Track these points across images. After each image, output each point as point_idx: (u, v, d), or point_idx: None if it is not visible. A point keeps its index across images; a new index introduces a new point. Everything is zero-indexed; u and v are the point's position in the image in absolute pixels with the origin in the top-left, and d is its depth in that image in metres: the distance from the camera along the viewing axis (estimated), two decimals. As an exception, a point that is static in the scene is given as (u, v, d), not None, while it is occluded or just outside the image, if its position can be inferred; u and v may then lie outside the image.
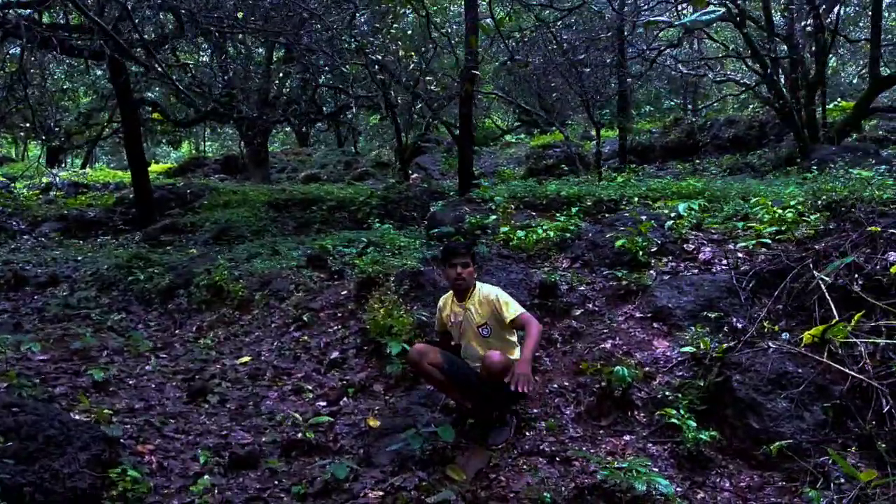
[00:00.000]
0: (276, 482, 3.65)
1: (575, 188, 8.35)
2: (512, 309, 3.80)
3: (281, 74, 16.46)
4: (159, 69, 11.37)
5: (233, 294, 6.92)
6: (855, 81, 24.74)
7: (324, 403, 4.67)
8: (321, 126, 29.08)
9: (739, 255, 5.06)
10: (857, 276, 4.04)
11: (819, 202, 5.97)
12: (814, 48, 14.59)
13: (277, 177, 22.84)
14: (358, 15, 13.38)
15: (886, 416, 3.17)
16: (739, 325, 4.19)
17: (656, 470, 3.30)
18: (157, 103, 14.45)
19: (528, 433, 3.85)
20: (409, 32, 14.33)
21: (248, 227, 12.04)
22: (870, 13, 19.27)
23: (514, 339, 4.03)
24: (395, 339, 4.75)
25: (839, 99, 19.08)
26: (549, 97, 17.98)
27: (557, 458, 3.55)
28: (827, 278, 4.04)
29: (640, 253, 5.22)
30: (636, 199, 7.37)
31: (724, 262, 5.05)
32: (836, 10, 14.06)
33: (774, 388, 3.47)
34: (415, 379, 4.69)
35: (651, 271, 5.14)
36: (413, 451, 3.70)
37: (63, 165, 28.05)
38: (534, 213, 7.77)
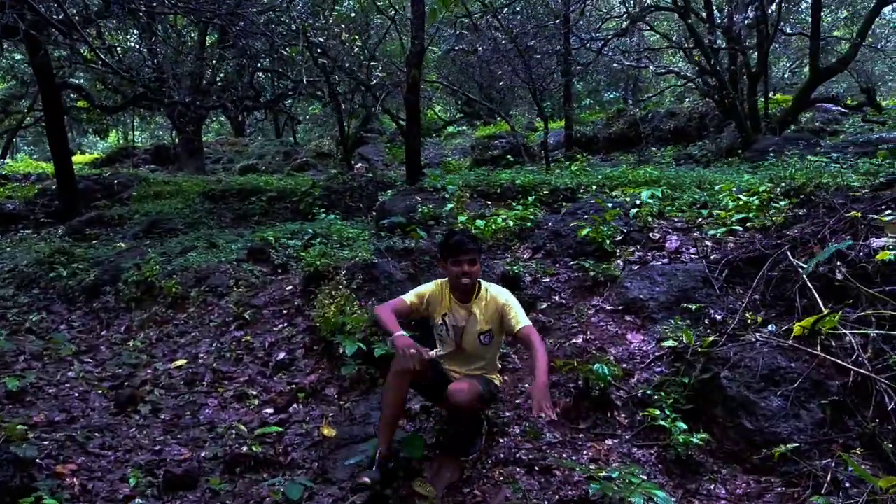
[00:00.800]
0: (220, 504, 3.21)
1: (529, 177, 8.05)
2: (521, 319, 3.32)
3: (215, 60, 15.66)
4: (84, 50, 10.56)
5: (165, 291, 6.35)
6: (787, 75, 25.45)
7: (271, 411, 4.22)
8: (258, 115, 28.14)
9: (707, 243, 4.83)
10: (839, 263, 3.85)
11: (778, 189, 5.85)
12: (755, 40, 14.78)
13: (212, 167, 21.96)
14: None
15: (891, 413, 2.95)
16: (718, 317, 3.93)
17: (645, 478, 3.01)
18: (81, 88, 13.49)
19: (501, 440, 3.50)
20: (353, 15, 13.78)
21: (182, 219, 11.39)
22: (799, 8, 19.77)
23: (501, 342, 3.65)
24: (350, 339, 4.33)
25: (771, 92, 19.50)
26: (496, 86, 17.77)
27: (536, 468, 3.22)
28: (808, 266, 3.83)
29: (607, 242, 4.92)
30: (594, 187, 7.11)
31: (693, 250, 4.82)
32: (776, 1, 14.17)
33: (767, 384, 3.22)
34: (372, 381, 4.30)
35: (618, 261, 4.86)
36: (375, 464, 3.31)
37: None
38: (488, 203, 7.44)
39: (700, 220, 5.32)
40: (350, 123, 16.12)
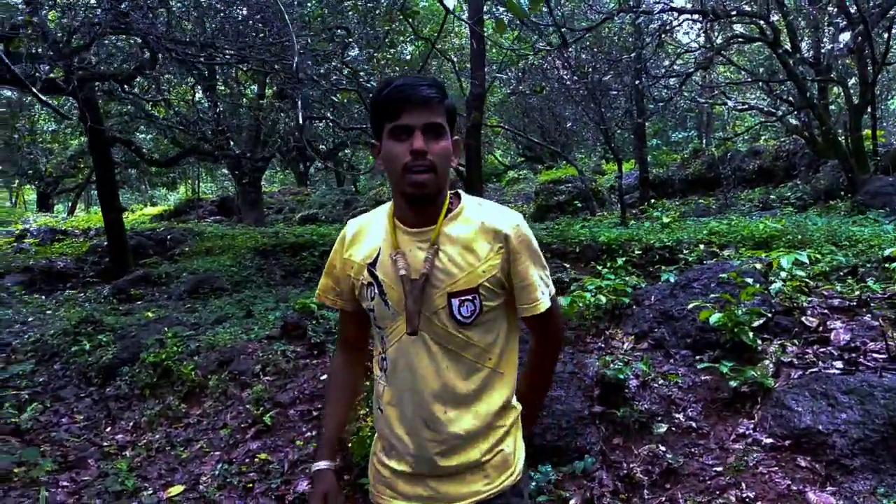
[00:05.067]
0: None
1: (614, 232, 6.76)
2: (544, 289, 1.63)
3: (273, 112, 15.24)
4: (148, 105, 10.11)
5: (182, 377, 5.34)
6: (882, 107, 23.44)
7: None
8: (319, 165, 28.10)
9: (894, 334, 3.41)
10: None
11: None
12: (846, 70, 13.26)
13: (274, 218, 22.07)
14: (351, 41, 12.12)
15: None
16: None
17: None
18: (131, 142, 13.15)
19: None
20: (409, 58, 12.99)
21: (229, 277, 10.64)
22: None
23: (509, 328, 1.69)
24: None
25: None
26: (563, 127, 16.72)
27: None
28: None
29: (749, 334, 3.52)
30: (700, 246, 5.74)
31: (873, 345, 3.38)
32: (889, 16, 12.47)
33: None
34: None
35: (767, 362, 3.43)
36: None
37: (52, 210, 26.87)
38: (566, 265, 6.17)
39: (869, 294, 3.85)
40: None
